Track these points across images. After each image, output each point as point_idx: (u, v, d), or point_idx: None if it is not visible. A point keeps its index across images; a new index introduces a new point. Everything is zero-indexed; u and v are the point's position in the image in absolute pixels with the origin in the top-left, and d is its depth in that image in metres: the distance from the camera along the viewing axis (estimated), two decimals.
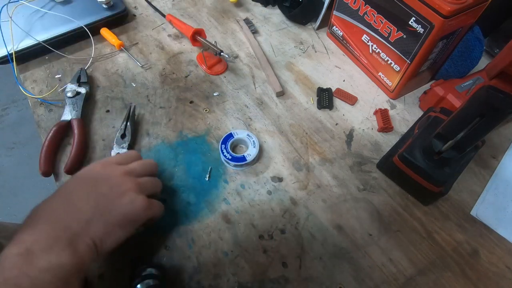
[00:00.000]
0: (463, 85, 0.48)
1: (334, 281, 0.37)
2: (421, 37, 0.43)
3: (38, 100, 0.50)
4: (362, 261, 0.38)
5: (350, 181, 0.44)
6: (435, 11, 0.39)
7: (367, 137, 0.49)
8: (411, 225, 0.41)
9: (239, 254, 0.38)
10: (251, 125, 0.49)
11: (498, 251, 0.40)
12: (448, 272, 0.38)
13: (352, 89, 0.54)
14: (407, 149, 0.40)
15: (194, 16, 0.64)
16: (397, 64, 0.49)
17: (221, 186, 0.43)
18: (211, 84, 0.54)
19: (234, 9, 0.65)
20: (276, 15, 0.65)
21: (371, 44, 0.52)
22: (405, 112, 0.52)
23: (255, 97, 0.52)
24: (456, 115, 0.34)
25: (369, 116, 0.51)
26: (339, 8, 0.55)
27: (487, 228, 0.41)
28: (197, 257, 0.38)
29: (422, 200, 0.42)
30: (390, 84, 0.52)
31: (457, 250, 0.40)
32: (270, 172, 0.45)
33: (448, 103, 0.47)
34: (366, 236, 0.40)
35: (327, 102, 0.51)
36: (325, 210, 0.42)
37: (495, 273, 0.38)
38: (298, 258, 0.38)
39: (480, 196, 0.44)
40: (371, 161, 0.46)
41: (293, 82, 0.55)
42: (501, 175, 0.45)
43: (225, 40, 0.60)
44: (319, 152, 0.47)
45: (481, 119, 0.31)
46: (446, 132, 0.35)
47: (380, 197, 0.43)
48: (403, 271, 0.38)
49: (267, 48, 0.59)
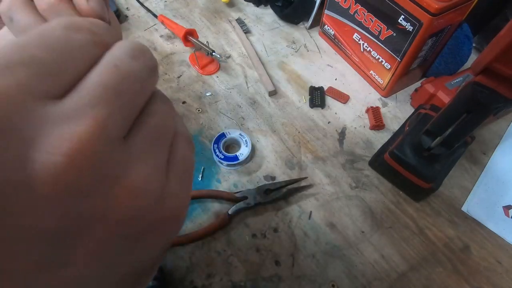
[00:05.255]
0: (453, 82, 0.48)
1: (327, 278, 0.37)
2: (410, 35, 0.43)
3: None
4: (355, 258, 0.39)
5: (343, 179, 0.45)
6: (423, 9, 0.40)
7: (359, 135, 0.49)
8: (403, 221, 0.42)
9: (232, 253, 0.38)
10: (244, 124, 0.49)
11: (489, 246, 0.40)
12: (439, 267, 0.39)
13: (344, 87, 0.54)
14: (397, 146, 0.40)
15: (187, 17, 0.64)
16: (388, 62, 0.49)
17: (214, 186, 0.43)
18: (203, 84, 0.54)
19: (227, 9, 0.66)
20: (268, 15, 0.65)
21: (362, 42, 0.52)
22: (397, 109, 0.52)
23: (248, 97, 0.53)
24: (443, 111, 0.34)
25: (361, 114, 0.51)
26: (331, 7, 0.55)
27: (478, 224, 0.42)
28: (190, 257, 0.38)
29: (413, 196, 0.43)
30: (381, 82, 0.52)
31: (449, 246, 0.40)
32: (263, 171, 0.45)
33: (438, 100, 0.47)
34: (359, 233, 0.40)
35: (319, 100, 0.52)
36: (317, 208, 0.42)
37: (486, 267, 0.39)
38: (291, 257, 0.39)
39: (471, 192, 0.44)
40: (363, 159, 0.47)
41: (285, 81, 0.55)
42: (491, 171, 0.46)
43: (217, 40, 0.60)
44: (311, 150, 0.47)
45: (467, 115, 0.31)
46: (435, 128, 0.36)
47: (372, 195, 0.43)
48: (395, 267, 0.38)
49: (260, 48, 0.59)
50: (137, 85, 0.13)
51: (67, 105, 0.11)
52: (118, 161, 0.11)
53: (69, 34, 0.12)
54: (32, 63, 0.11)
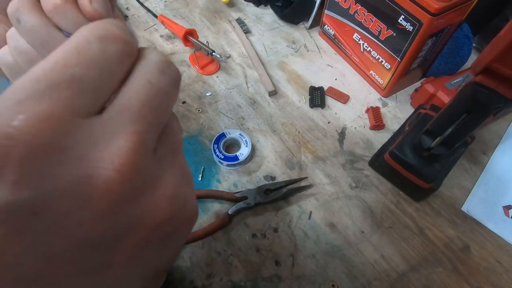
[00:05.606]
0: (453, 82, 0.48)
1: (327, 278, 0.37)
2: (410, 35, 0.43)
3: None
4: (355, 258, 0.39)
5: (343, 179, 0.45)
6: (423, 9, 0.40)
7: (359, 135, 0.49)
8: (403, 221, 0.42)
9: (232, 253, 0.38)
10: (244, 124, 0.49)
11: (489, 246, 0.40)
12: (439, 267, 0.39)
13: (344, 87, 0.54)
14: (397, 146, 0.40)
15: (187, 17, 0.64)
16: (388, 62, 0.49)
17: (214, 186, 0.43)
18: (203, 84, 0.54)
19: (227, 9, 0.66)
20: (268, 14, 0.65)
21: (362, 42, 0.52)
22: (397, 109, 0.52)
23: (248, 97, 0.53)
24: (443, 111, 0.34)
25: (361, 114, 0.51)
26: (331, 7, 0.55)
27: (478, 224, 0.42)
28: (190, 257, 0.38)
29: (413, 196, 0.43)
30: (381, 82, 0.52)
31: (449, 246, 0.40)
32: (263, 171, 0.45)
33: (438, 100, 0.47)
34: (359, 233, 0.40)
35: (319, 100, 0.52)
36: (317, 208, 0.42)
37: (486, 268, 0.39)
38: (291, 257, 0.39)
39: (471, 192, 0.44)
40: (363, 159, 0.47)
41: (285, 81, 0.55)
42: (491, 171, 0.46)
43: (217, 40, 0.60)
44: (311, 150, 0.47)
45: (467, 115, 0.31)
46: (435, 128, 0.36)
47: (372, 195, 0.43)
48: (395, 267, 0.38)
49: (260, 48, 0.59)
50: (167, 99, 0.14)
51: (109, 121, 0.12)
52: (154, 171, 0.13)
53: (105, 48, 0.12)
54: (75, 82, 0.11)
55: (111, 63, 0.12)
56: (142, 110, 0.12)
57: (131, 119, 0.12)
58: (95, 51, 0.12)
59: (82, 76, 0.11)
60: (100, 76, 0.12)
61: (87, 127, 0.11)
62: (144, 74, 0.13)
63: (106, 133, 0.11)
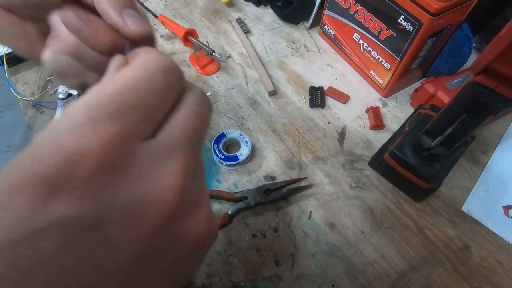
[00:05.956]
0: (453, 82, 0.48)
1: (327, 278, 0.37)
2: (410, 35, 0.43)
3: (29, 103, 0.50)
4: (355, 258, 0.39)
5: (343, 179, 0.45)
6: (423, 9, 0.40)
7: (359, 135, 0.49)
8: (403, 221, 0.41)
9: (232, 253, 0.38)
10: (244, 124, 0.49)
11: (488, 246, 0.40)
12: (439, 267, 0.39)
13: (344, 87, 0.54)
14: (397, 146, 0.40)
15: (187, 17, 0.64)
16: (388, 62, 0.49)
17: (214, 186, 0.43)
18: (203, 84, 0.54)
19: (227, 9, 0.66)
20: (268, 14, 0.65)
21: (362, 42, 0.52)
22: (397, 109, 0.52)
23: (248, 97, 0.53)
24: (444, 111, 0.34)
25: (361, 114, 0.51)
26: (331, 7, 0.55)
27: (478, 224, 0.42)
28: None
29: (413, 196, 0.43)
30: (381, 82, 0.52)
31: (449, 246, 0.40)
32: (263, 171, 0.45)
33: (438, 100, 0.47)
34: (359, 233, 0.40)
35: (319, 100, 0.52)
36: (317, 208, 0.42)
37: (486, 267, 0.39)
38: (291, 257, 0.39)
39: (471, 192, 0.44)
40: (363, 159, 0.47)
41: (285, 81, 0.55)
42: (491, 171, 0.46)
43: (217, 40, 0.60)
44: (311, 150, 0.47)
45: (467, 115, 0.31)
46: (435, 128, 0.36)
47: (372, 195, 0.43)
48: (395, 267, 0.38)
49: (260, 48, 0.59)
50: (206, 127, 0.15)
51: (162, 144, 0.13)
52: (196, 192, 0.14)
53: (167, 77, 0.14)
54: (142, 108, 0.12)
55: (170, 91, 0.14)
56: (190, 135, 0.14)
57: (182, 143, 0.13)
58: (161, 81, 0.13)
59: (149, 103, 0.13)
60: (161, 103, 0.13)
61: (146, 149, 0.12)
62: (191, 104, 0.14)
63: (161, 156, 0.12)
